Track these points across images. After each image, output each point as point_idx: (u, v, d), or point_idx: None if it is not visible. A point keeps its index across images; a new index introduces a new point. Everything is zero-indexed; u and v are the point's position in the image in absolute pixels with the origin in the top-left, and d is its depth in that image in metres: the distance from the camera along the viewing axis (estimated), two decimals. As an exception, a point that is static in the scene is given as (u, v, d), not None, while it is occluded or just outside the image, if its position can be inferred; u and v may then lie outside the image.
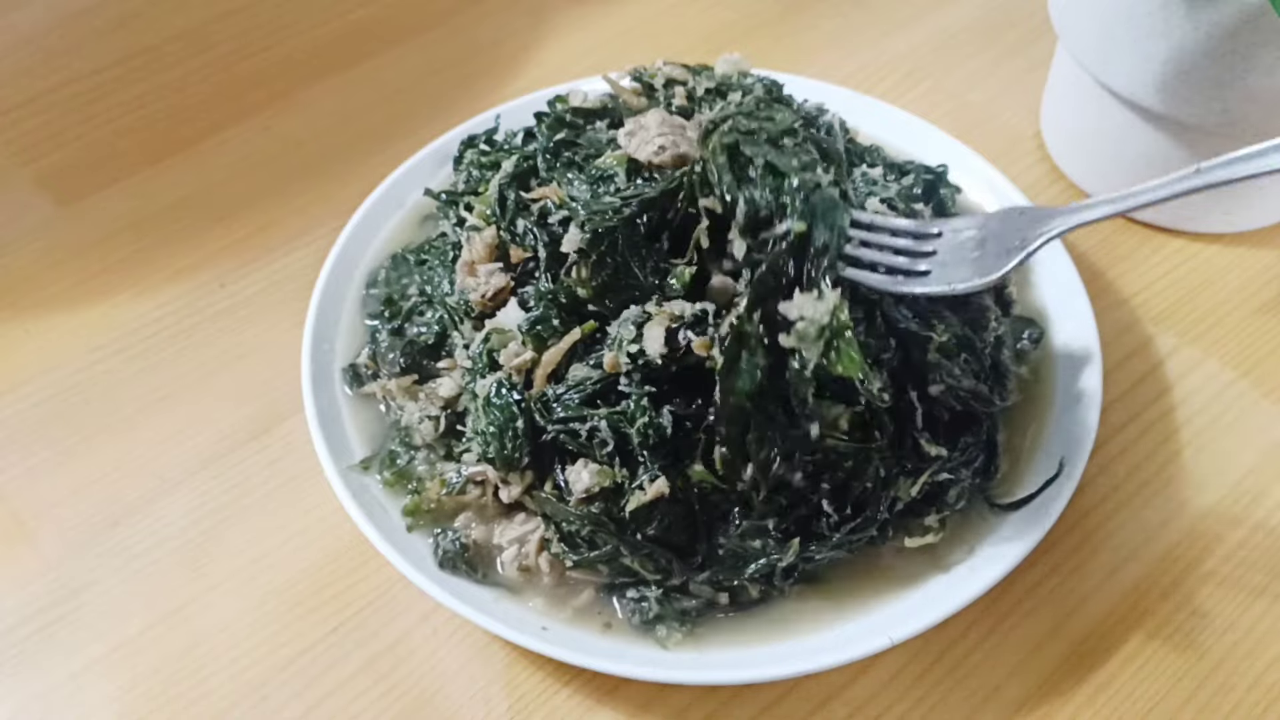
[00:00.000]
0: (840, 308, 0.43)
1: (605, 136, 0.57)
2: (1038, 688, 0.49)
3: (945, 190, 0.61)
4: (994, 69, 0.78)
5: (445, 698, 0.49)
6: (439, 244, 0.58)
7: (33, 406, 0.60)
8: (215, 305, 0.65)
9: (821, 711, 0.49)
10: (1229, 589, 0.52)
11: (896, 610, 0.48)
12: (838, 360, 0.43)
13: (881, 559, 0.50)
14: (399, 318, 0.57)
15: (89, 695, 0.50)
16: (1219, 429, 0.58)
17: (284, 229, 0.69)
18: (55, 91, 0.78)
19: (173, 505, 0.56)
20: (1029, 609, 0.52)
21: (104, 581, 0.53)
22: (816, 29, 0.82)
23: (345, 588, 0.53)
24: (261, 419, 0.59)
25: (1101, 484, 0.56)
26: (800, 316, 0.43)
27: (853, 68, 0.79)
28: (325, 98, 0.77)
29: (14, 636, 0.52)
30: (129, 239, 0.68)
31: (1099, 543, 0.54)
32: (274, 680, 0.50)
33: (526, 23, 0.83)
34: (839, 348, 0.43)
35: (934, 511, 0.50)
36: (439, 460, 0.53)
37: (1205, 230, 0.67)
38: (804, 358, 0.43)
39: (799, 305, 0.43)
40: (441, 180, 0.63)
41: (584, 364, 0.49)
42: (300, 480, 0.57)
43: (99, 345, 0.63)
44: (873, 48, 0.80)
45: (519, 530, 0.50)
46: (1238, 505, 0.55)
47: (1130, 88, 0.61)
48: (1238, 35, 0.55)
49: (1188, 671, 0.50)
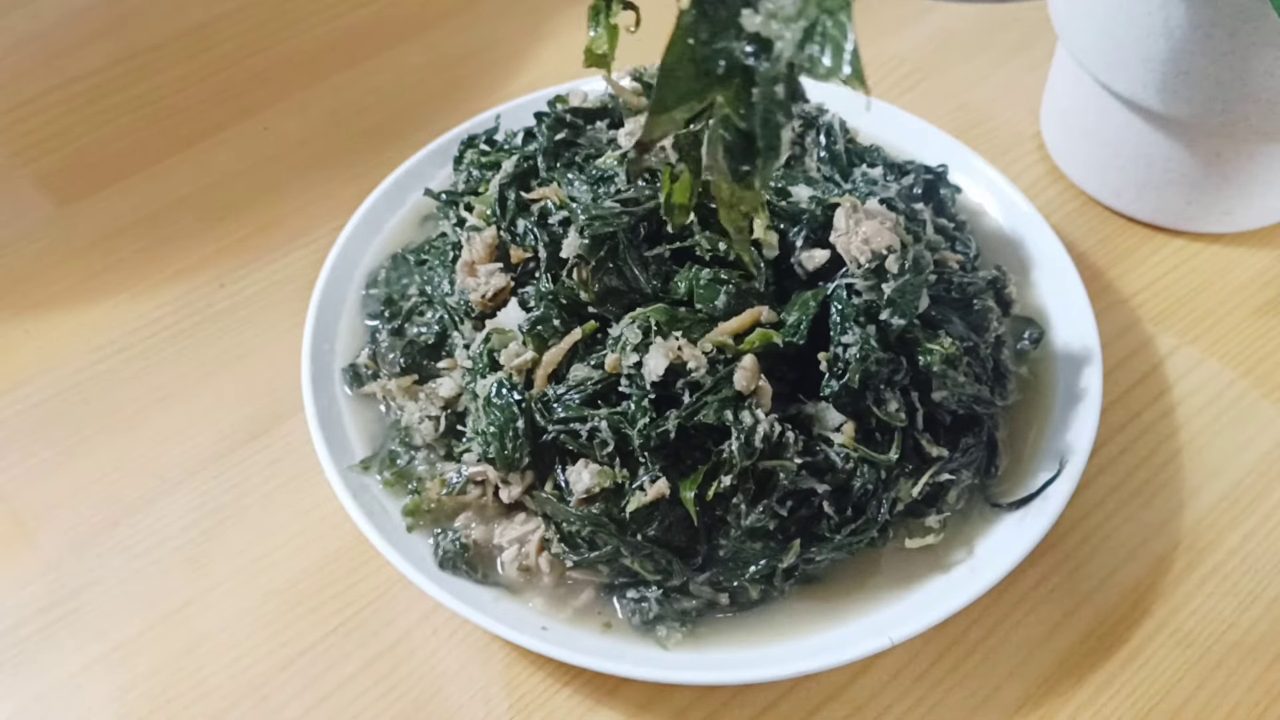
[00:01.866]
0: None
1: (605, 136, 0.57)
2: (1038, 688, 0.49)
3: (945, 190, 0.61)
4: (994, 69, 0.78)
5: (445, 698, 0.49)
6: (439, 244, 0.58)
7: (33, 406, 0.60)
8: (215, 305, 0.65)
9: (821, 711, 0.49)
10: (1229, 589, 0.52)
11: (896, 611, 0.48)
12: (822, 53, 0.31)
13: (882, 559, 0.50)
14: (399, 318, 0.57)
15: (89, 695, 0.50)
16: (1219, 429, 0.58)
17: (284, 229, 0.69)
18: (55, 91, 0.78)
19: (173, 505, 0.56)
20: (1029, 609, 0.52)
21: (104, 581, 0.53)
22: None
23: (345, 588, 0.53)
24: (261, 419, 0.59)
25: (1101, 484, 0.56)
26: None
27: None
28: (325, 98, 0.77)
29: (14, 636, 0.52)
30: (129, 239, 0.68)
31: (1099, 543, 0.54)
32: (274, 680, 0.50)
33: (526, 22, 0.83)
34: (825, 33, 0.31)
35: (934, 512, 0.50)
36: (439, 460, 0.53)
37: (1205, 230, 0.67)
38: (777, 49, 0.32)
39: None
40: (441, 180, 0.63)
41: (585, 364, 0.49)
42: (300, 480, 0.57)
43: (99, 345, 0.63)
44: (872, 48, 0.80)
45: (519, 530, 0.50)
46: (1238, 505, 0.55)
47: (1130, 88, 0.61)
48: (1237, 35, 0.55)
49: (1188, 671, 0.50)
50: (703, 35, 0.32)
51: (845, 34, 0.30)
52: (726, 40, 0.32)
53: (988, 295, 0.55)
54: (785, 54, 0.31)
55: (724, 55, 0.32)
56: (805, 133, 0.59)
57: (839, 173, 0.57)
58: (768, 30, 0.31)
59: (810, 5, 0.31)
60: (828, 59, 0.31)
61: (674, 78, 0.32)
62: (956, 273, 0.55)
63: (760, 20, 0.32)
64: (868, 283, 0.49)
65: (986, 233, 0.62)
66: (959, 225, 0.59)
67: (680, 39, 0.32)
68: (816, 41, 0.31)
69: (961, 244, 0.58)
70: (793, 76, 0.32)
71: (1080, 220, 0.68)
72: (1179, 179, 0.64)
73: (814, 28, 0.31)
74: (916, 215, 0.55)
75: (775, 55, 0.31)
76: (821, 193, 0.53)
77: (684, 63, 0.32)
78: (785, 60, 0.31)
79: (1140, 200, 0.67)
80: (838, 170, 0.57)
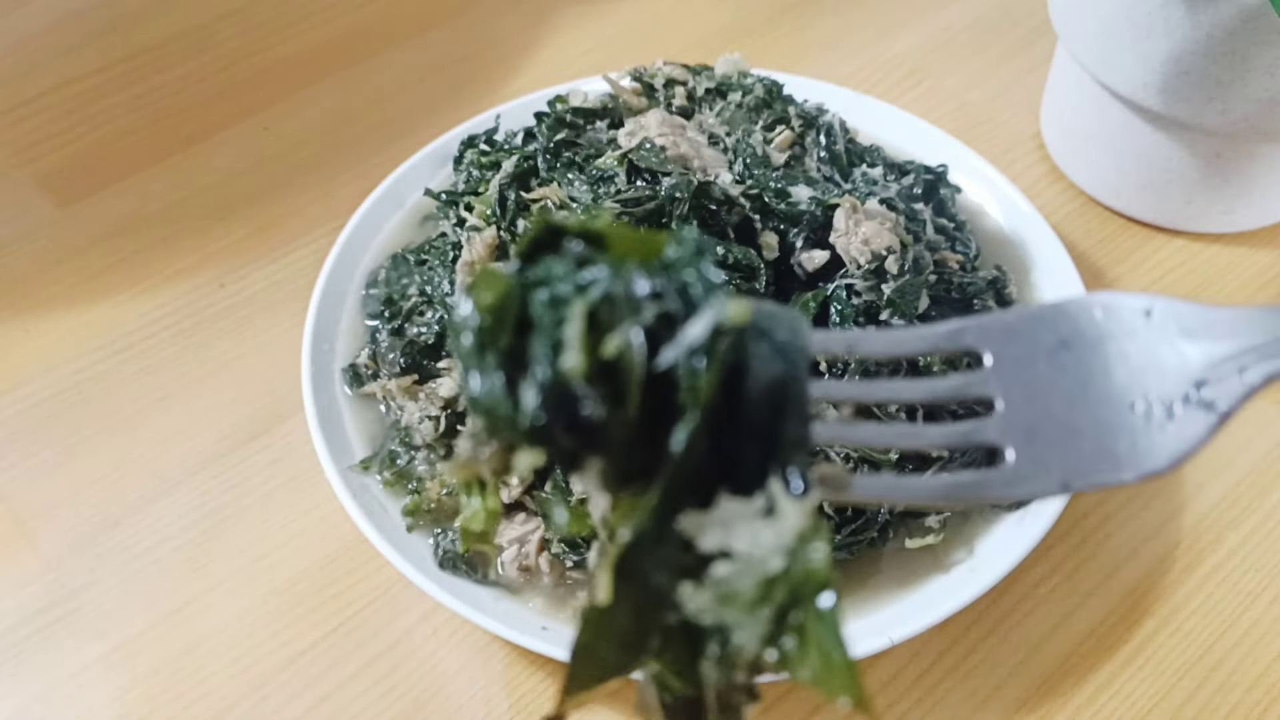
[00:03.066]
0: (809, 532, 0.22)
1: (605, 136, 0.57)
2: (1038, 688, 0.49)
3: (945, 190, 0.61)
4: (994, 69, 0.78)
5: (445, 698, 0.49)
6: (439, 244, 0.58)
7: (32, 406, 0.60)
8: (215, 305, 0.65)
9: (822, 712, 0.49)
10: (1229, 589, 0.52)
11: (896, 610, 0.48)
12: (801, 656, 0.23)
13: (882, 560, 0.50)
14: (399, 318, 0.57)
15: (89, 695, 0.50)
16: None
17: (284, 229, 0.69)
18: (54, 92, 0.78)
19: (173, 505, 0.56)
20: (1029, 609, 0.52)
21: (104, 581, 0.53)
22: (816, 29, 0.82)
23: (345, 588, 0.53)
24: (261, 419, 0.59)
25: (1101, 484, 0.56)
26: (722, 550, 0.23)
27: (852, 68, 0.79)
28: (325, 98, 0.77)
29: (14, 636, 0.52)
30: (129, 239, 0.68)
31: (1099, 543, 0.54)
32: (274, 680, 0.50)
33: (526, 22, 0.83)
34: (804, 631, 0.23)
35: (934, 512, 0.50)
36: (439, 460, 0.53)
37: (1205, 230, 0.67)
38: (726, 637, 0.23)
39: (726, 518, 0.23)
40: (441, 180, 0.63)
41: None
42: (300, 480, 0.57)
43: (99, 345, 0.63)
44: (872, 48, 0.80)
45: (519, 530, 0.50)
46: (1238, 505, 0.55)
47: (1130, 88, 0.61)
48: (1238, 35, 0.55)
49: (1188, 672, 0.50)
50: (624, 613, 0.23)
51: (835, 635, 0.22)
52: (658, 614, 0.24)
53: (988, 295, 0.55)
54: (746, 650, 0.23)
55: (656, 627, 0.24)
56: (805, 133, 0.59)
57: (839, 173, 0.57)
58: (717, 617, 0.23)
59: (776, 587, 0.22)
60: (809, 668, 0.22)
61: (591, 657, 0.25)
62: (956, 273, 0.55)
63: (706, 600, 0.23)
64: (867, 283, 0.49)
65: (986, 233, 0.62)
66: (959, 225, 0.59)
67: (593, 618, 0.24)
68: (790, 636, 0.23)
69: (961, 244, 0.58)
70: (756, 664, 0.23)
71: (1080, 220, 0.68)
72: (1179, 179, 0.64)
73: (783, 619, 0.22)
74: (916, 215, 0.55)
75: (733, 649, 0.23)
76: (821, 193, 0.53)
77: (600, 641, 0.24)
78: (747, 659, 0.23)
79: (1140, 200, 0.67)
80: (838, 170, 0.57)
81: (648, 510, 0.22)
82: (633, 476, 0.22)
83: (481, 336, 0.22)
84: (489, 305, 0.22)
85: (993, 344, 0.26)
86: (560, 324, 0.22)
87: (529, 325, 0.22)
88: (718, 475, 0.22)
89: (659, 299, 0.22)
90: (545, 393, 0.22)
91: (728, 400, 0.21)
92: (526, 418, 0.22)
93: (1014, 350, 0.25)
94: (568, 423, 0.22)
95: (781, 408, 0.22)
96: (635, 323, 0.21)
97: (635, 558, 0.22)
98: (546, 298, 0.22)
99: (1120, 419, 0.24)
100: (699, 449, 0.22)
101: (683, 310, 0.22)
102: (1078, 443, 0.24)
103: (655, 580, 0.23)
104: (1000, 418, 0.26)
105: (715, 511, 0.22)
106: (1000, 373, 0.26)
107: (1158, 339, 0.25)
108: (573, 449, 0.22)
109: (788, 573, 0.22)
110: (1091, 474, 0.24)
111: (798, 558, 0.22)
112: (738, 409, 0.22)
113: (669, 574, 0.23)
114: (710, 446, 0.22)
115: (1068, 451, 0.25)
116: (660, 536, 0.22)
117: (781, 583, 0.22)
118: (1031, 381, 0.25)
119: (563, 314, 0.22)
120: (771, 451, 0.22)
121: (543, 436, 0.22)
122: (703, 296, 0.22)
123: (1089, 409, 0.24)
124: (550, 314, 0.22)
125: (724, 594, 0.23)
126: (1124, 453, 0.24)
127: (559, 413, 0.22)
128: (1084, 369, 0.25)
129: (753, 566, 0.22)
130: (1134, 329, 0.25)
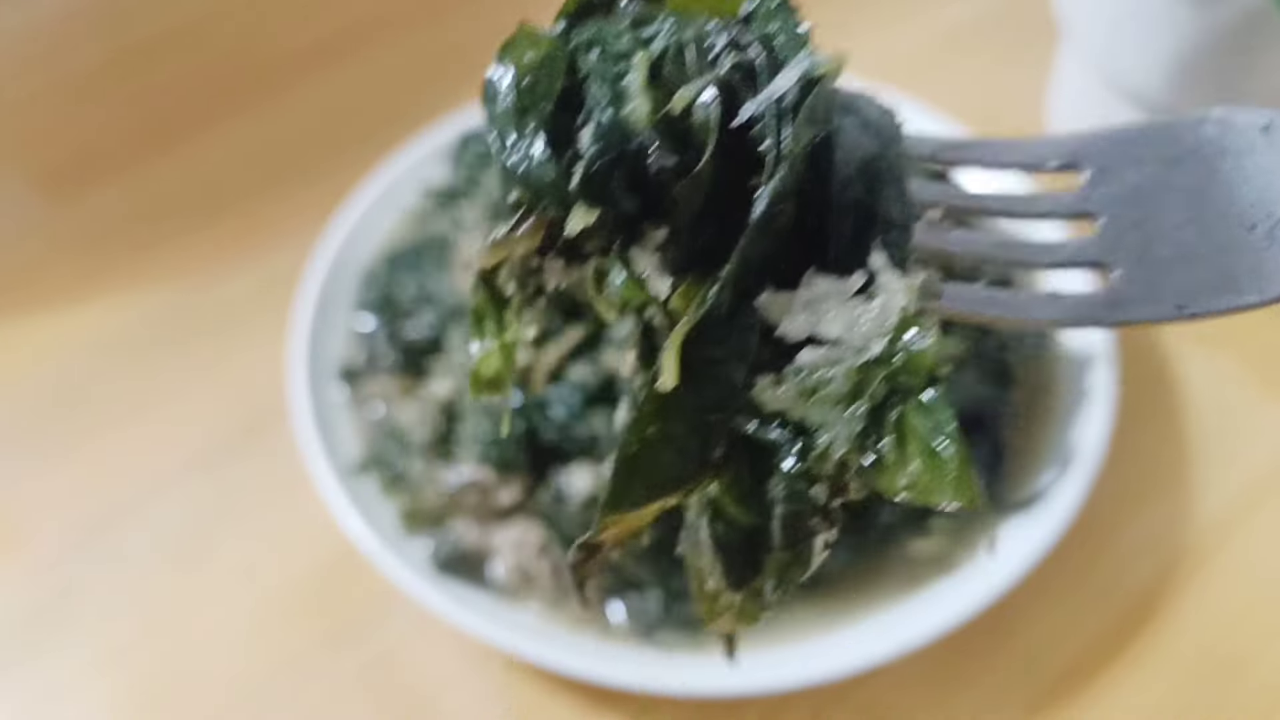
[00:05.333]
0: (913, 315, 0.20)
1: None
2: (1041, 689, 0.49)
3: (948, 189, 0.60)
4: (995, 68, 0.78)
5: (440, 705, 0.48)
6: (436, 243, 0.58)
7: (25, 407, 0.59)
8: (209, 305, 0.64)
9: (824, 713, 0.48)
10: (1236, 590, 0.51)
11: (901, 613, 0.47)
12: (899, 460, 0.20)
13: (887, 562, 0.50)
14: (396, 318, 0.56)
15: (80, 699, 0.49)
16: (1227, 429, 0.57)
17: (279, 228, 0.68)
18: (48, 90, 0.77)
19: (166, 507, 0.55)
20: (1033, 610, 0.51)
21: (97, 584, 0.53)
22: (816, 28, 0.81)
23: (340, 591, 0.52)
24: (255, 420, 0.58)
25: (1107, 484, 0.55)
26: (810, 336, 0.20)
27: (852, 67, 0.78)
28: (321, 96, 0.76)
29: (7, 638, 0.51)
30: (123, 238, 0.68)
31: (1105, 544, 0.53)
32: (268, 685, 0.49)
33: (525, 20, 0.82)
34: (905, 422, 0.20)
35: (940, 515, 0.49)
36: (435, 463, 0.52)
37: (1211, 230, 0.67)
38: (810, 440, 0.20)
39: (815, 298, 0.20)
40: (440, 179, 0.62)
41: (583, 364, 0.48)
42: (294, 483, 0.55)
43: (92, 345, 0.62)
44: (873, 47, 0.80)
45: (516, 534, 0.49)
46: (1245, 506, 0.54)
47: (1137, 84, 0.60)
48: (1244, 34, 0.55)
49: (1193, 673, 0.49)
50: (688, 411, 0.21)
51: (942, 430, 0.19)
52: (726, 416, 0.21)
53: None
54: (835, 449, 0.20)
55: (721, 435, 0.21)
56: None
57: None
58: (799, 413, 0.20)
59: (873, 378, 0.19)
60: (909, 473, 0.19)
61: (641, 468, 0.21)
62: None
63: (787, 396, 0.20)
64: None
65: (990, 232, 0.61)
66: (962, 224, 0.59)
67: (650, 418, 0.21)
68: (888, 436, 0.20)
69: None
70: (841, 478, 0.20)
71: (1085, 220, 0.68)
72: (1185, 177, 0.64)
73: (880, 416, 0.20)
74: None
75: (816, 450, 0.20)
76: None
77: (655, 448, 0.21)
78: (834, 460, 0.20)
79: (1145, 199, 0.66)
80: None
81: (726, 280, 0.19)
82: (699, 258, 0.20)
83: (522, 98, 0.21)
84: (531, 63, 0.21)
85: (1097, 160, 0.24)
86: (621, 77, 0.19)
87: (576, 92, 0.20)
88: (803, 257, 0.19)
89: (737, 49, 0.19)
90: (606, 137, 0.19)
91: (814, 173, 0.19)
92: (584, 167, 0.19)
93: (1121, 168, 0.24)
94: (629, 181, 0.19)
95: (875, 186, 0.20)
96: (711, 74, 0.19)
97: (705, 344, 0.19)
98: (599, 55, 0.20)
99: (1240, 239, 0.23)
100: (785, 215, 0.19)
101: (766, 61, 0.20)
102: (1193, 266, 0.23)
103: (726, 371, 0.20)
104: (1108, 236, 0.23)
105: (802, 291, 0.19)
106: (1106, 190, 0.24)
107: (1278, 156, 0.23)
108: (634, 214, 0.20)
109: (888, 360, 0.19)
110: (1211, 298, 0.22)
111: (899, 343, 0.19)
112: (825, 188, 0.19)
113: (742, 364, 0.20)
114: (796, 219, 0.19)
115: (1182, 275, 0.23)
116: (734, 318, 0.20)
117: (878, 371, 0.19)
118: (1141, 201, 0.23)
119: (623, 67, 0.20)
120: (868, 227, 0.19)
121: (601, 193, 0.19)
122: (787, 48, 0.20)
123: (1205, 230, 0.23)
124: (608, 66, 0.20)
125: (808, 387, 0.20)
126: (1245, 276, 0.22)
127: (618, 163, 0.19)
128: (1198, 188, 0.23)
129: (846, 354, 0.19)
130: (1252, 145, 0.23)
